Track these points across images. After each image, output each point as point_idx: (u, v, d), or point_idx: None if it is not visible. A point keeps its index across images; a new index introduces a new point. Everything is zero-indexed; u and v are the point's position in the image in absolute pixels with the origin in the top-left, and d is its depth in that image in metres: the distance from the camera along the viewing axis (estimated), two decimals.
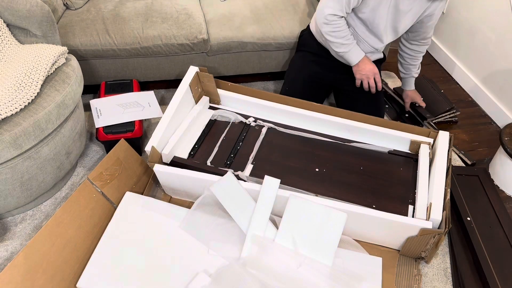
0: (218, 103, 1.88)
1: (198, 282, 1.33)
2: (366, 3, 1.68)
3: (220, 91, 1.84)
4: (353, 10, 1.74)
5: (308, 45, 1.96)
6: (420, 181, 1.54)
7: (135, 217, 1.47)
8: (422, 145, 1.67)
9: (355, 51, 1.77)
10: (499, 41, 2.25)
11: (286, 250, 1.39)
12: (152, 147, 1.52)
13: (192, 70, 1.78)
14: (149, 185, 1.71)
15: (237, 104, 1.86)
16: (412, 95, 2.18)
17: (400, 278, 1.48)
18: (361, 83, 1.83)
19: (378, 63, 1.97)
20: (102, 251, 1.41)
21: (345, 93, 1.96)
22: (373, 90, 1.82)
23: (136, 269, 1.36)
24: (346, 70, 1.87)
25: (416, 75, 2.12)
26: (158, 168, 1.52)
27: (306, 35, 1.98)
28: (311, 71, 1.94)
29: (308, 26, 2.02)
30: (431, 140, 1.68)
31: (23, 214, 1.69)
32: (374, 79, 1.81)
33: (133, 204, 1.53)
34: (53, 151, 1.58)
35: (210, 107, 1.87)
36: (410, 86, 2.16)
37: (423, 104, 2.18)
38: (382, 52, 1.98)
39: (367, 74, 1.79)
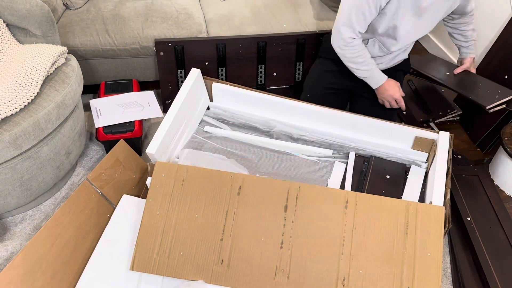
0: (211, 100, 1.88)
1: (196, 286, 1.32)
2: (384, 14, 1.62)
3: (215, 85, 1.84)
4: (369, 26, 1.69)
5: (329, 52, 1.90)
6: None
7: (132, 220, 1.47)
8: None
9: (375, 76, 1.73)
10: None
11: None
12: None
13: (194, 72, 1.77)
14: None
15: (230, 100, 1.85)
16: (469, 62, 2.00)
17: None
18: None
19: (404, 64, 1.92)
20: (99, 256, 1.40)
21: (361, 100, 1.92)
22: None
23: (134, 273, 1.36)
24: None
25: (473, 38, 1.94)
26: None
27: (328, 43, 1.93)
28: (330, 78, 1.90)
29: (330, 32, 1.98)
30: (435, 136, 1.68)
31: (23, 214, 1.69)
32: (397, 101, 1.78)
33: (130, 207, 1.52)
34: (52, 151, 1.58)
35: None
36: (470, 49, 1.98)
37: (474, 70, 2.02)
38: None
39: (387, 99, 1.77)
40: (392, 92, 1.74)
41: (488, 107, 1.86)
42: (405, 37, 1.71)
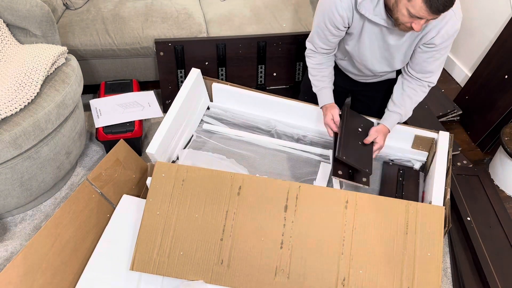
0: (210, 99, 1.88)
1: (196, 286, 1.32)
2: (351, 34, 1.52)
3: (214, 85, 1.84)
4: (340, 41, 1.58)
5: None
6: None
7: (132, 220, 1.47)
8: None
9: (321, 95, 1.63)
10: None
11: None
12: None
13: (194, 72, 1.76)
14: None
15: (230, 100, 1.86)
16: (382, 131, 1.57)
17: None
18: None
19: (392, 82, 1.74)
20: (99, 256, 1.40)
21: (357, 102, 1.88)
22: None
23: (134, 273, 1.36)
24: (362, 82, 1.80)
25: (404, 115, 1.58)
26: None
27: None
28: None
29: None
30: (435, 136, 1.68)
31: (23, 214, 1.69)
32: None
33: (130, 207, 1.52)
34: (53, 151, 1.58)
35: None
36: (387, 121, 1.58)
37: (376, 151, 1.55)
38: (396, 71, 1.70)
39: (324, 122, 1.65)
40: (324, 114, 1.62)
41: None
42: (375, 67, 1.59)
